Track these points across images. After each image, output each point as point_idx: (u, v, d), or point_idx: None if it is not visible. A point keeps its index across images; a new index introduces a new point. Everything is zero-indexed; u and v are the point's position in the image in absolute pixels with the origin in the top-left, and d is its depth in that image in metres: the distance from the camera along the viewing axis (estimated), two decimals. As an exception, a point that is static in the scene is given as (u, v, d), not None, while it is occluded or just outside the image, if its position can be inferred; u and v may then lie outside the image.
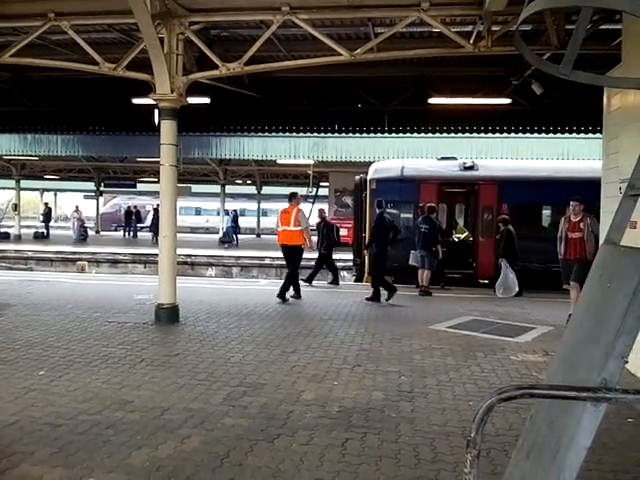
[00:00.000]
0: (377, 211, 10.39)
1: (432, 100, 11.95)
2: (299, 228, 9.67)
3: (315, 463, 3.41)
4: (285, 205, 10.50)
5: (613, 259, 2.32)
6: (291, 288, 9.69)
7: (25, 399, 4.38)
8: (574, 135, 15.22)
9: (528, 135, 15.53)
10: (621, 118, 6.24)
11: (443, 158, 14.36)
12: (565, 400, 2.00)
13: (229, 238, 25.42)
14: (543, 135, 15.34)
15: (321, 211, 13.69)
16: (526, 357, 6.03)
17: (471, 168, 13.09)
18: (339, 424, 4.03)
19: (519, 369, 5.58)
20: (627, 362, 1.92)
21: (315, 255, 12.78)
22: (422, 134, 16.33)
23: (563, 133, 15.12)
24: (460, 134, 16.00)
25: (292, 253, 9.82)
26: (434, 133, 16.11)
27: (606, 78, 5.34)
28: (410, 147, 19.16)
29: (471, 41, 7.80)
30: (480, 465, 1.92)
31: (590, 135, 12.96)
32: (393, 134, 16.22)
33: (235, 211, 29.10)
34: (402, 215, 13.36)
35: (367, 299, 9.79)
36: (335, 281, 12.39)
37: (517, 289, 10.57)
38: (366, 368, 5.48)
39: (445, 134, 16.05)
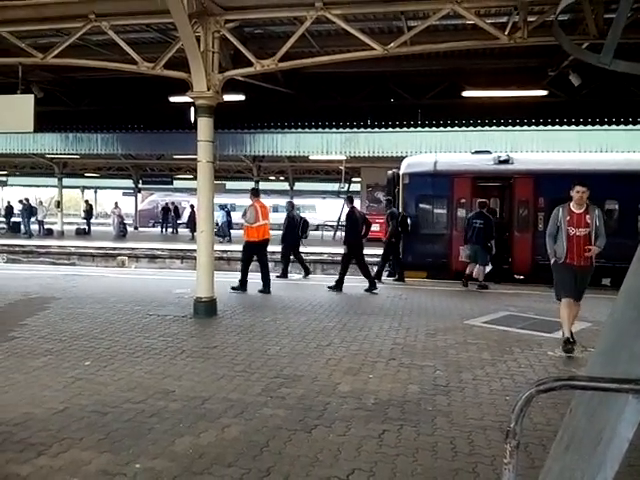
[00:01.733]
0: (347, 207, 10.80)
1: (466, 93, 11.80)
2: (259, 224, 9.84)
3: (353, 453, 3.47)
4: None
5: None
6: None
7: (73, 388, 4.58)
8: (613, 127, 14.82)
9: (565, 127, 15.17)
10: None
11: (477, 152, 14.17)
12: (606, 392, 2.00)
13: (223, 233, 25.47)
14: (581, 127, 14.96)
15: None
16: (563, 353, 5.94)
17: (506, 162, 12.88)
18: (375, 416, 4.08)
19: (557, 364, 5.51)
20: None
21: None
22: (456, 128, 16.14)
23: (602, 125, 14.71)
24: (495, 127, 15.74)
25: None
26: (468, 127, 15.89)
27: (649, 67, 5.20)
28: (443, 141, 18.96)
29: (506, 32, 7.68)
30: (518, 458, 1.95)
31: (630, 126, 12.57)
32: (426, 128, 16.09)
33: (226, 206, 29.05)
34: (435, 210, 13.26)
35: (365, 290, 10.07)
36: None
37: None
38: (401, 362, 5.51)
39: (479, 127, 15.84)
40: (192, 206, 29.78)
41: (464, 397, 4.53)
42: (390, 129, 17.06)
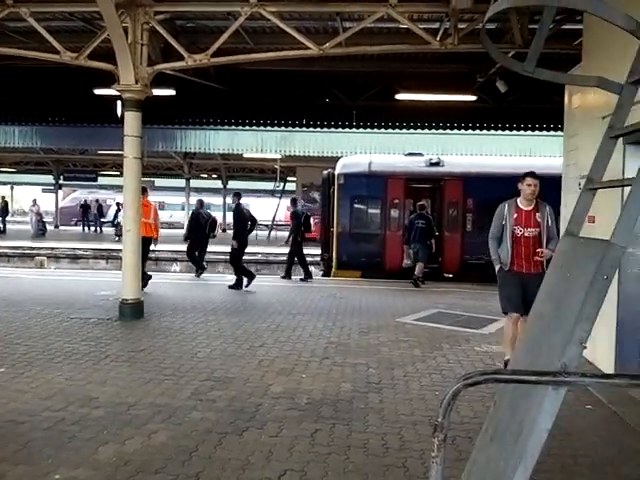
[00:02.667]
0: (233, 204, 10.93)
1: (399, 96, 12.07)
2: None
3: (285, 454, 3.43)
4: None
5: (573, 250, 2.41)
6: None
7: (-15, 397, 4.27)
8: (537, 132, 15.63)
9: (492, 132, 15.86)
10: (581, 116, 6.45)
11: (410, 154, 14.53)
12: (527, 385, 2.07)
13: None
14: (507, 132, 15.69)
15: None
16: (490, 347, 6.19)
17: (437, 164, 13.30)
18: (308, 416, 4.06)
19: (483, 359, 5.72)
20: (585, 347, 2.00)
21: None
22: (390, 130, 16.49)
23: (526, 130, 15.48)
24: (427, 130, 16.20)
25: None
26: (401, 129, 16.24)
27: (567, 76, 5.49)
28: (378, 142, 19.30)
29: (438, 38, 7.91)
30: (446, 451, 1.97)
31: (552, 132, 13.31)
32: (361, 129, 16.33)
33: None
34: (370, 210, 13.47)
35: (229, 287, 10.13)
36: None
37: None
38: (334, 361, 5.53)
39: (412, 130, 16.24)
40: (118, 204, 28.70)
41: (395, 393, 4.60)
42: (325, 129, 17.17)
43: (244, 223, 10.60)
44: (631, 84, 2.29)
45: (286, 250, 12.62)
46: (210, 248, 12.80)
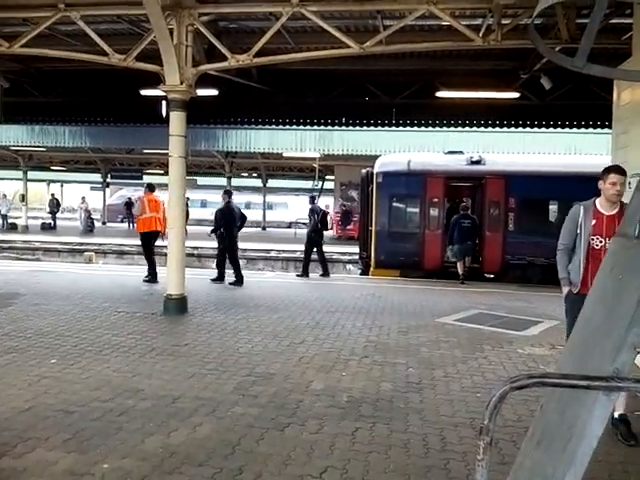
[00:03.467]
0: (224, 201, 10.77)
1: (440, 93, 11.93)
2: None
3: (326, 451, 3.45)
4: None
5: (625, 251, 2.34)
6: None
7: (38, 386, 4.45)
8: (582, 130, 15.16)
9: (536, 129, 15.47)
10: (631, 112, 6.22)
11: (450, 152, 14.33)
12: (577, 390, 2.03)
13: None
14: (551, 130, 15.27)
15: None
16: (533, 350, 6.05)
17: (478, 162, 13.08)
18: (348, 414, 4.07)
19: (526, 362, 5.61)
20: (639, 352, 1.95)
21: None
22: (429, 128, 16.30)
23: (571, 128, 15.03)
24: (467, 128, 15.95)
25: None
26: (441, 127, 16.04)
27: (619, 71, 5.34)
28: (417, 141, 19.10)
29: (480, 34, 7.78)
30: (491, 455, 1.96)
31: (598, 130, 12.90)
32: (400, 127, 16.21)
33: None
34: (409, 209, 13.37)
35: (212, 280, 10.48)
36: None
37: None
38: (374, 359, 5.53)
39: (452, 128, 16.01)
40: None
41: (436, 394, 4.57)
42: (364, 128, 17.11)
43: (234, 221, 10.58)
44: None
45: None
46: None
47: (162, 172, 31.52)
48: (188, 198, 12.08)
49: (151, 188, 10.84)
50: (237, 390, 4.51)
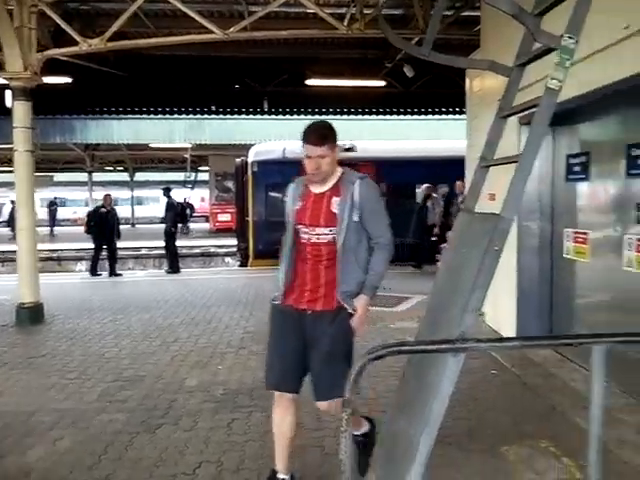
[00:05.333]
0: (166, 197, 11.81)
1: (310, 81, 12.07)
2: None
3: (200, 447, 3.35)
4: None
5: (468, 225, 2.51)
6: None
7: None
8: (444, 117, 16.27)
9: (402, 117, 16.33)
10: (480, 99, 6.75)
11: (324, 139, 14.59)
12: (430, 355, 2.14)
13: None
14: (416, 117, 16.22)
15: None
16: (402, 324, 6.38)
17: (350, 150, 13.47)
18: (224, 406, 3.99)
19: (395, 335, 5.88)
20: (482, 314, 2.09)
21: None
22: (302, 116, 16.50)
23: (434, 114, 16.08)
24: (339, 116, 16.37)
25: None
26: (313, 115, 16.28)
27: (461, 59, 5.65)
28: (291, 129, 19.18)
29: (345, 23, 7.96)
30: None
31: (458, 116, 13.86)
32: (273, 116, 16.22)
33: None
34: (285, 198, 13.42)
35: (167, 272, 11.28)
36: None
37: None
38: (251, 350, 5.46)
39: (324, 116, 16.32)
40: (13, 202, 26.76)
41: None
42: (236, 116, 16.89)
43: (176, 215, 11.64)
44: (517, 67, 2.41)
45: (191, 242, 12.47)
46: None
47: (10, 169, 28.61)
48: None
49: None
50: (103, 397, 4.21)
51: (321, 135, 2.62)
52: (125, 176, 31.68)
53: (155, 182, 34.31)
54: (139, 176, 32.58)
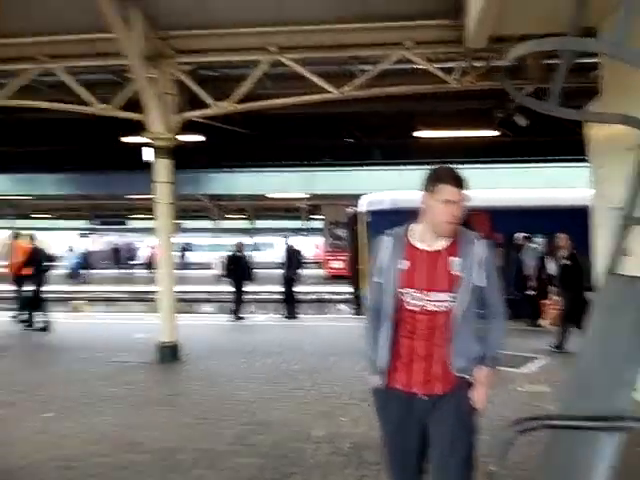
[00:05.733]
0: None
1: (418, 133, 12.24)
2: None
3: (332, 502, 3.42)
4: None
5: (615, 288, 2.41)
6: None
7: (35, 441, 4.38)
8: (559, 165, 15.62)
9: (515, 165, 15.91)
10: (605, 148, 6.42)
11: (436, 188, 14.54)
12: (580, 430, 2.07)
13: (75, 273, 26.05)
14: (530, 165, 15.73)
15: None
16: (533, 388, 5.99)
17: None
18: (351, 461, 4.03)
19: (528, 401, 5.50)
20: (635, 389, 2.00)
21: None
22: (412, 166, 16.67)
23: (548, 163, 15.50)
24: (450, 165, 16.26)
25: None
26: (422, 165, 16.37)
27: (591, 114, 5.58)
28: (402, 179, 19.40)
29: (455, 77, 8.09)
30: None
31: (575, 164, 13.26)
32: (382, 167, 16.56)
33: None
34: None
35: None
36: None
37: None
38: (374, 404, 5.47)
39: (434, 166, 16.32)
40: (152, 247, 29.34)
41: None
42: (348, 167, 17.45)
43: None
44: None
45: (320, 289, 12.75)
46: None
47: (147, 217, 31.46)
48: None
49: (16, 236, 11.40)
50: (237, 439, 4.46)
51: (461, 178, 2.31)
52: (245, 224, 33.61)
53: (273, 229, 35.97)
54: (258, 223, 34.37)
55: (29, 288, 10.27)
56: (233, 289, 11.91)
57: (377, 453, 4.16)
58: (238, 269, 11.87)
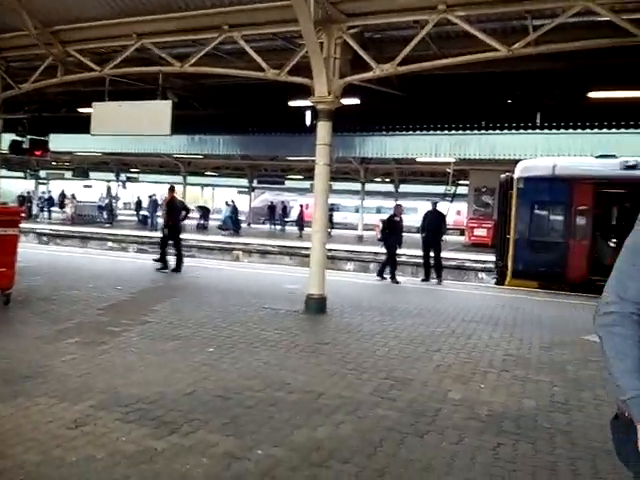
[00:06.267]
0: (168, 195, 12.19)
1: (593, 94, 11.08)
2: None
3: (467, 463, 3.46)
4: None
5: None
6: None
7: (199, 372, 4.96)
8: None
9: None
10: None
11: (601, 156, 13.25)
12: None
13: (226, 226, 27.36)
14: None
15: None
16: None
17: (634, 167, 11.93)
18: (489, 428, 4.02)
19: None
20: None
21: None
22: (578, 130, 15.22)
23: None
24: (623, 130, 14.62)
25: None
26: (592, 129, 14.90)
27: None
28: (562, 145, 17.90)
29: (646, 29, 7.15)
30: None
31: None
32: (545, 130, 15.34)
33: (233, 201, 30.43)
34: (552, 217, 12.61)
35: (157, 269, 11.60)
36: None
37: None
38: (514, 374, 5.36)
39: (605, 130, 14.79)
40: (301, 205, 30.87)
41: (585, 417, 4.33)
42: (505, 131, 16.45)
43: (178, 213, 11.96)
44: None
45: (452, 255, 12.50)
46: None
47: (302, 177, 33.00)
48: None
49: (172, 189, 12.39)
50: (376, 392, 4.66)
51: None
52: (391, 187, 33.71)
53: (417, 193, 35.63)
54: (403, 187, 34.25)
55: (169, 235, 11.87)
56: (386, 252, 11.98)
57: (516, 424, 4.12)
58: (395, 233, 11.88)
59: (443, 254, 12.79)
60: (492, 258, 14.61)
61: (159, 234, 12.81)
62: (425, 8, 7.42)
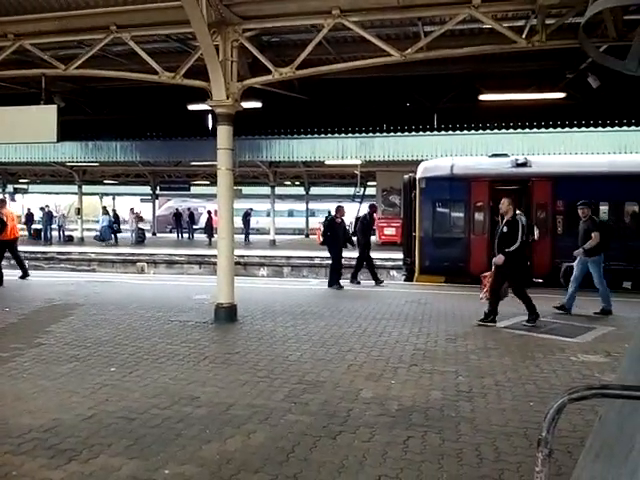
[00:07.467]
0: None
1: (483, 97, 11.79)
2: None
3: (378, 460, 3.49)
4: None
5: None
6: None
7: (99, 394, 4.66)
8: (631, 128, 14.68)
9: (583, 129, 15.08)
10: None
11: (494, 155, 14.12)
12: (638, 400, 2.01)
13: (103, 237, 26.45)
14: (600, 128, 14.87)
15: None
16: (587, 358, 5.90)
17: (524, 165, 12.81)
18: (399, 422, 4.10)
19: (580, 370, 5.48)
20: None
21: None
22: (472, 131, 16.12)
23: (620, 126, 14.60)
24: (512, 130, 15.69)
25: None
26: (485, 130, 15.85)
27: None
28: (459, 145, 18.84)
29: (524, 36, 7.69)
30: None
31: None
32: (442, 132, 16.11)
33: (114, 211, 30.12)
34: (453, 214, 13.23)
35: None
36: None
37: None
38: (423, 367, 5.52)
39: (496, 130, 15.78)
40: (209, 212, 30.16)
41: (487, 403, 4.53)
42: (405, 133, 17.10)
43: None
44: None
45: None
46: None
47: (208, 183, 32.31)
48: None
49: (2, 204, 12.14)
50: (289, 398, 4.60)
51: None
52: (301, 190, 33.92)
53: (328, 195, 36.19)
54: (313, 190, 34.62)
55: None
56: (330, 256, 11.71)
57: (424, 416, 4.22)
58: (336, 236, 11.47)
59: (353, 254, 13.01)
60: (401, 256, 15.07)
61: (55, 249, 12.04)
62: (320, 13, 7.49)
